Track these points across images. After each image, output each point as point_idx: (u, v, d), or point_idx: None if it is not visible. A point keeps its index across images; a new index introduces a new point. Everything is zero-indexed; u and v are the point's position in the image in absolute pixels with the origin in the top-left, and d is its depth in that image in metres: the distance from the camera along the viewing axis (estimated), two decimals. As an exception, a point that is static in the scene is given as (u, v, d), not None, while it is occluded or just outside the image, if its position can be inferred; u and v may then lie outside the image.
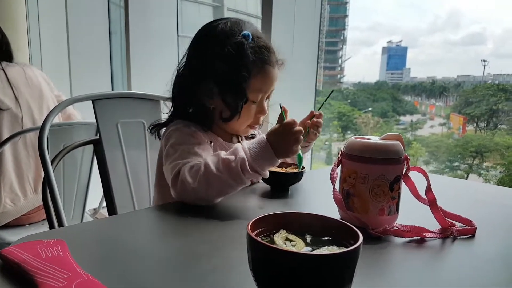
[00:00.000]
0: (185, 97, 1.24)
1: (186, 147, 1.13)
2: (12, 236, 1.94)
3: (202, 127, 1.22)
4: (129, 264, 0.73)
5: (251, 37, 1.16)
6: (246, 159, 1.00)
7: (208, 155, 1.08)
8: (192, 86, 1.20)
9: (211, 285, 0.65)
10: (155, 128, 1.31)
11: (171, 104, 1.28)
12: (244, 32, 1.16)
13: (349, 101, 4.80)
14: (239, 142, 1.29)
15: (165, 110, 1.32)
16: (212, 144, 1.22)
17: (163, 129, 1.28)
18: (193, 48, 1.24)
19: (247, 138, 1.35)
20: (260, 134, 1.37)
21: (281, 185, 1.23)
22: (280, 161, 1.04)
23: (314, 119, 1.28)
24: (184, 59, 1.25)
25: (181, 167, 1.06)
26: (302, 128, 1.03)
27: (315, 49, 2.39)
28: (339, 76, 4.88)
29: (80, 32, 3.46)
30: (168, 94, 1.27)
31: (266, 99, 1.24)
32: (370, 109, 4.66)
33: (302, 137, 1.03)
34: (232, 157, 1.01)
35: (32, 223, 2.11)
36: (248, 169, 1.00)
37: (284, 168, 1.26)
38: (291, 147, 1.02)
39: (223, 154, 1.04)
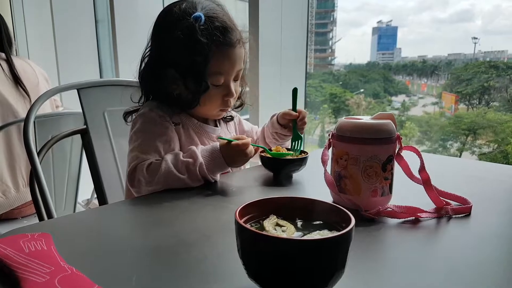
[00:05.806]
0: (150, 84, 1.21)
1: (148, 137, 1.14)
2: (2, 230, 1.91)
3: (172, 110, 1.20)
4: (116, 255, 0.71)
5: (203, 19, 1.10)
6: (203, 164, 1.06)
7: (168, 150, 1.13)
8: (154, 73, 1.18)
9: (201, 274, 0.63)
10: (129, 114, 1.28)
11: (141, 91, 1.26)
12: (195, 14, 1.10)
13: (340, 83, 4.78)
14: (216, 124, 1.30)
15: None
16: (181, 126, 1.20)
17: None
18: (153, 33, 1.21)
19: (225, 120, 1.34)
20: (237, 116, 1.42)
21: (285, 172, 1.19)
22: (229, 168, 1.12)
23: (299, 121, 1.29)
24: (149, 45, 1.22)
25: (138, 163, 1.09)
26: (252, 149, 1.10)
27: (304, 31, 2.35)
28: (330, 58, 4.86)
29: (65, 22, 3.41)
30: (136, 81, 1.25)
31: (234, 80, 1.20)
32: (362, 90, 4.64)
33: (250, 151, 1.10)
34: (191, 160, 1.06)
35: (24, 216, 2.09)
36: (206, 172, 1.06)
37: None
38: (240, 162, 1.11)
39: (181, 155, 1.08)
